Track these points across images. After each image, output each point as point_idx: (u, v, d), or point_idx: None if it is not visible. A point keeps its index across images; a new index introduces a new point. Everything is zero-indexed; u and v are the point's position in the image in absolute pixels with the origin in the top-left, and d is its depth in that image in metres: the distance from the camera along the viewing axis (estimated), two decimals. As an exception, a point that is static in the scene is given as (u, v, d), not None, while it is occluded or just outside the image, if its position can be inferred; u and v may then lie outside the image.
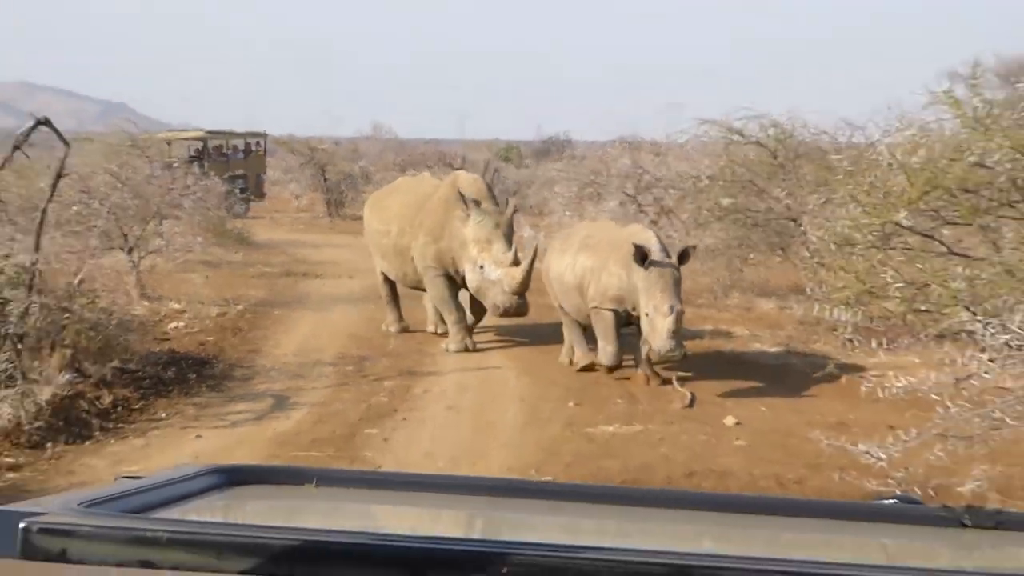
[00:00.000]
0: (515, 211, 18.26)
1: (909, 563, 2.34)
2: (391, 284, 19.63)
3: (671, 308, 13.92)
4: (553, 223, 27.22)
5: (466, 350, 17.74)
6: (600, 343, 15.58)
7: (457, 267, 17.70)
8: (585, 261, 15.62)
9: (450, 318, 17.99)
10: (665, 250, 14.71)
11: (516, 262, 16.65)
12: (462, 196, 17.48)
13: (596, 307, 15.38)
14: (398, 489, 2.88)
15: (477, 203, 17.39)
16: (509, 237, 17.24)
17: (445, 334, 18.29)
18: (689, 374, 15.31)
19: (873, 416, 11.78)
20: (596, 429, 13.15)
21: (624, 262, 14.61)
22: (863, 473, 9.35)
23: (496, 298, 16.90)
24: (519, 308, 16.96)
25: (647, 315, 14.22)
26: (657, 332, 14.04)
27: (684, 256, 14.59)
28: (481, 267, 17.02)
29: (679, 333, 14.05)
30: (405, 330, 19.32)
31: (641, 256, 14.21)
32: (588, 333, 16.25)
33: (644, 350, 14.98)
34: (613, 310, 15.12)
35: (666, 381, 15.07)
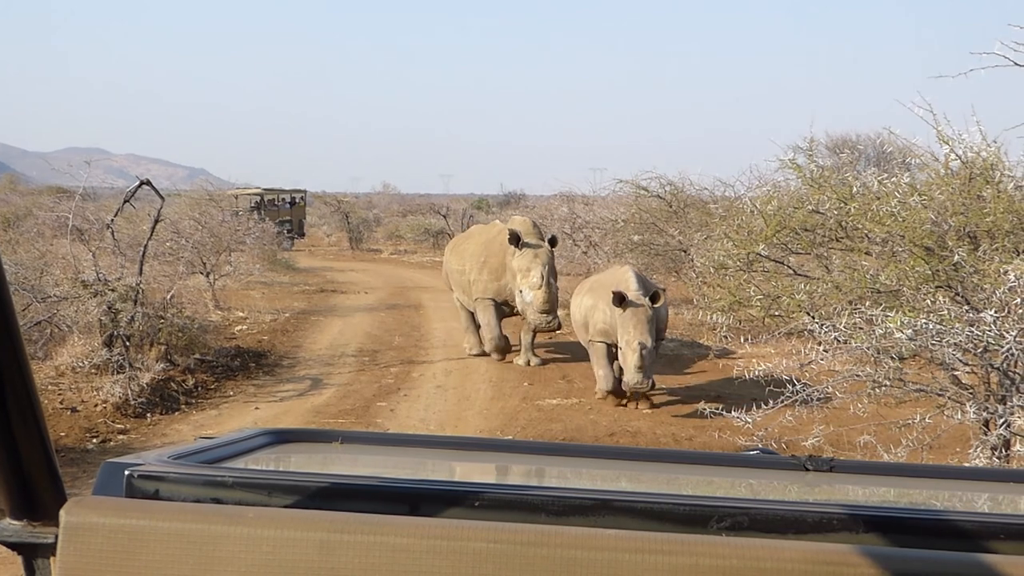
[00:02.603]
0: (555, 244, 15.71)
1: (767, 497, 2.34)
2: (469, 313, 17.00)
3: (640, 345, 11.84)
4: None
5: (500, 360, 15.96)
6: (594, 369, 13.33)
7: (513, 298, 15.51)
8: (587, 301, 13.37)
9: (488, 335, 15.88)
10: (645, 289, 12.49)
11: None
12: (512, 233, 15.36)
13: (590, 340, 13.27)
14: (400, 445, 2.86)
15: (518, 239, 15.24)
16: (547, 266, 14.95)
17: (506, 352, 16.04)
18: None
19: (742, 391, 11.80)
20: (544, 401, 13.13)
21: (609, 301, 12.51)
22: (735, 432, 9.36)
23: (530, 316, 14.88)
24: (548, 325, 14.81)
25: (621, 349, 12.22)
26: (627, 366, 12.05)
27: (655, 297, 12.29)
28: (521, 291, 15.00)
29: (646, 367, 11.88)
30: (482, 354, 16.66)
31: (618, 299, 12.12)
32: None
33: (622, 379, 12.59)
34: (603, 342, 12.94)
35: (654, 405, 12.80)
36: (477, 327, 16.75)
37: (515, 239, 15.22)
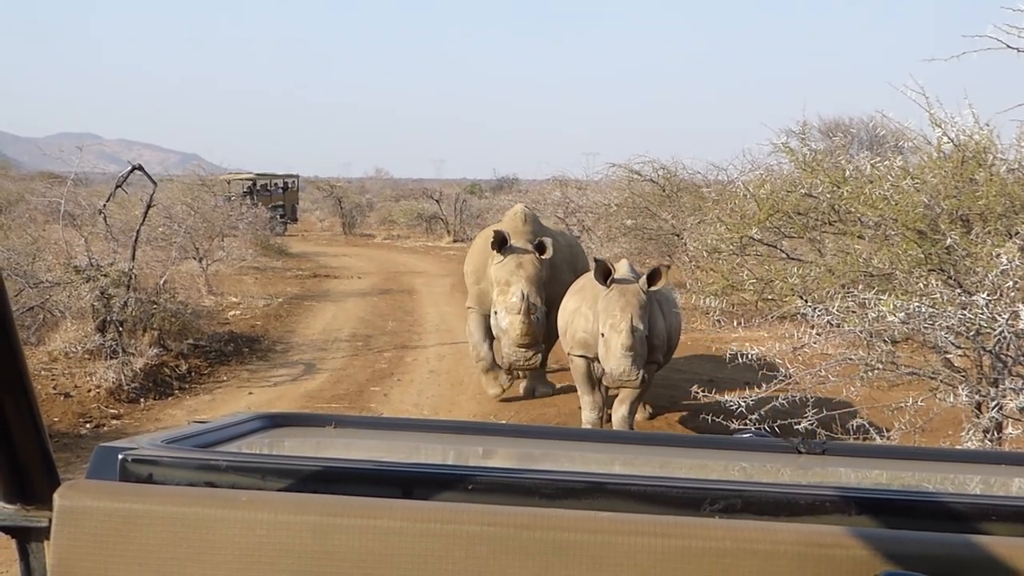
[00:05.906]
0: (543, 251, 11.43)
1: (760, 480, 2.35)
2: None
3: (628, 325, 9.14)
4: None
5: (501, 390, 12.26)
6: (580, 394, 10.59)
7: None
8: (571, 304, 10.48)
9: (475, 354, 12.48)
10: (637, 276, 9.67)
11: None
12: (496, 234, 11.55)
13: (569, 353, 10.53)
14: (394, 429, 2.87)
15: (504, 240, 11.52)
16: (533, 280, 11.29)
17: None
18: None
19: (735, 375, 11.79)
20: (537, 386, 13.12)
21: (593, 302, 9.83)
22: (728, 416, 9.38)
23: (504, 349, 11.29)
24: (528, 362, 11.25)
25: (603, 335, 9.40)
26: (611, 351, 9.22)
27: (654, 276, 9.55)
28: (495, 313, 11.40)
29: (636, 353, 9.15)
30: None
31: (603, 272, 9.46)
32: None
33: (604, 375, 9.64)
34: (583, 357, 10.12)
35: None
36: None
37: (499, 242, 11.55)
